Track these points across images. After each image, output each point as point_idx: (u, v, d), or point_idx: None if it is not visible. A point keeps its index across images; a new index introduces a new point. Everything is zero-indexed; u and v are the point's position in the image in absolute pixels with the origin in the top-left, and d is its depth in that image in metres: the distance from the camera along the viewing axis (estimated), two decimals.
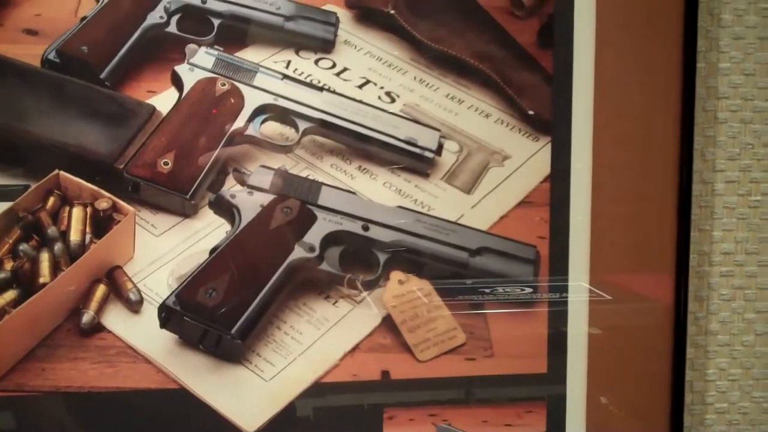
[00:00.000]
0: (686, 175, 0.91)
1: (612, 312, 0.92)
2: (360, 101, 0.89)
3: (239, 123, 0.88)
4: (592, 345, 0.92)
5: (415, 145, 0.89)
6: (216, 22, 0.88)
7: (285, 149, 0.89)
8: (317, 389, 0.87)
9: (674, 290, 0.92)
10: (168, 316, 0.85)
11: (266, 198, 0.87)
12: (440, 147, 0.90)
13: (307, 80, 0.89)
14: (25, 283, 0.83)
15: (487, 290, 0.89)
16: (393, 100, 0.90)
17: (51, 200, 0.85)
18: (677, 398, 0.93)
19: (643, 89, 0.91)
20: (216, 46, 0.88)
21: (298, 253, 0.87)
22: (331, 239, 0.88)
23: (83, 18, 0.86)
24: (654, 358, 0.93)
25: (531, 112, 0.90)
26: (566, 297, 0.91)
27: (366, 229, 0.88)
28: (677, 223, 0.92)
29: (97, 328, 0.85)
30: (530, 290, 0.90)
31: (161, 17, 0.87)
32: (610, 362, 0.92)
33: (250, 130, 0.88)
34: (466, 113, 0.91)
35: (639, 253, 0.92)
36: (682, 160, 0.91)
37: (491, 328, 0.90)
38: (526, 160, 0.91)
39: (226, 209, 0.87)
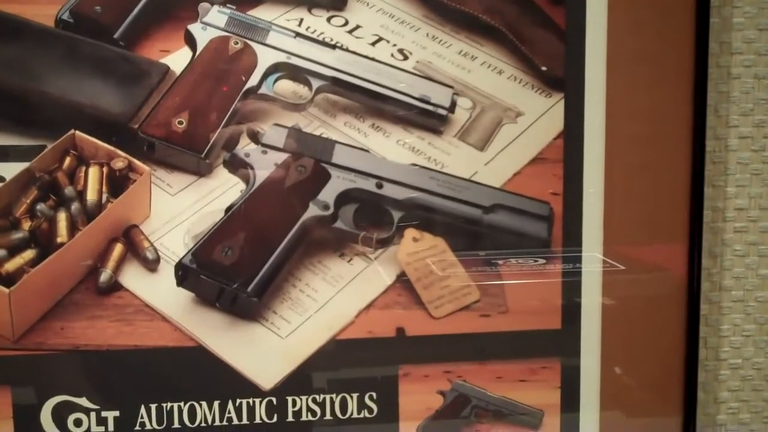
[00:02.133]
0: (699, 130, 0.91)
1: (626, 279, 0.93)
2: (373, 59, 0.89)
3: (253, 82, 0.88)
4: (607, 310, 0.92)
5: (428, 102, 0.89)
6: None
7: (298, 107, 0.89)
8: (333, 346, 0.88)
9: (688, 246, 0.92)
10: (185, 275, 0.85)
11: (280, 156, 0.88)
12: (453, 104, 0.90)
13: (320, 38, 0.89)
14: (43, 242, 0.84)
15: (501, 262, 0.89)
16: (406, 58, 0.90)
17: (67, 160, 0.86)
18: (691, 354, 0.93)
19: (656, 44, 0.90)
20: (228, 5, 0.88)
21: (312, 211, 0.87)
22: (345, 197, 0.88)
23: None
24: (669, 319, 0.93)
25: (544, 68, 0.90)
26: (579, 267, 0.91)
27: (380, 186, 0.88)
28: (691, 179, 0.91)
29: (114, 286, 0.86)
30: (543, 261, 0.90)
31: None
32: (625, 322, 0.93)
33: (264, 89, 0.88)
34: (479, 70, 0.90)
35: (653, 210, 0.92)
36: (696, 116, 0.91)
37: (506, 286, 0.91)
38: (540, 116, 0.91)
39: (240, 168, 0.88)
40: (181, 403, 0.87)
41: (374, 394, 0.89)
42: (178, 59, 0.87)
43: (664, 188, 0.92)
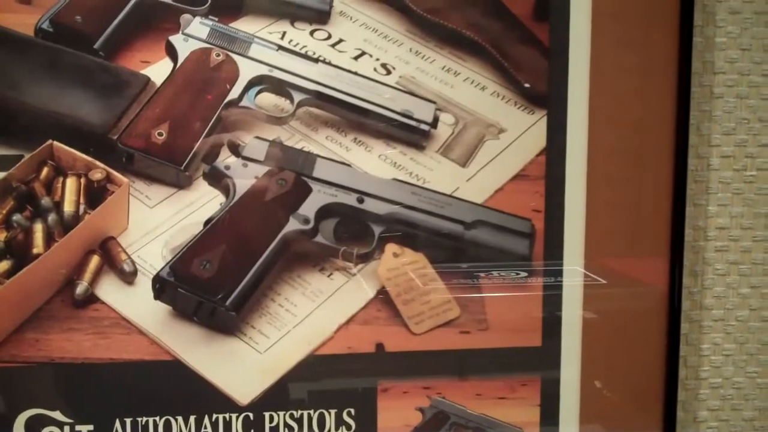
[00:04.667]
0: (682, 149, 0.91)
1: (607, 294, 0.92)
2: (355, 73, 0.88)
3: (234, 94, 0.87)
4: (587, 324, 0.92)
5: (410, 117, 0.89)
6: None
7: (280, 121, 0.88)
8: (312, 361, 0.87)
9: (669, 266, 0.92)
10: (162, 288, 0.84)
11: (261, 170, 0.87)
12: (436, 119, 0.90)
13: (302, 51, 0.88)
14: (19, 253, 0.83)
15: (482, 274, 0.89)
16: (389, 72, 0.89)
17: (45, 170, 0.85)
18: (671, 373, 0.93)
19: (639, 63, 0.91)
20: (211, 17, 0.87)
21: (292, 225, 0.87)
22: (325, 211, 0.88)
23: None
24: (649, 335, 0.93)
25: (527, 85, 0.90)
26: (561, 281, 0.91)
27: (361, 201, 0.88)
28: (673, 198, 0.91)
29: (90, 299, 0.85)
30: (525, 275, 0.90)
31: None
32: (605, 337, 0.92)
33: (245, 101, 0.88)
34: (461, 86, 0.90)
35: (635, 228, 0.92)
36: (678, 135, 0.91)
37: (486, 302, 0.90)
38: (522, 133, 0.90)
39: (220, 181, 0.87)
40: (157, 418, 0.86)
41: (353, 410, 0.89)
42: (158, 70, 0.87)
43: (646, 206, 0.92)
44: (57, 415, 0.85)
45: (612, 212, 0.91)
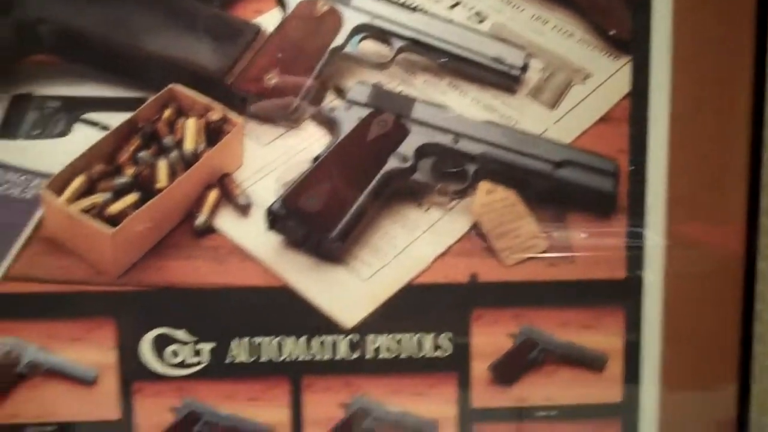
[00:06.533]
0: (758, 117, 0.95)
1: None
2: (450, 21, 0.94)
3: (338, 41, 0.94)
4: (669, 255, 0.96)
5: (502, 63, 0.95)
6: None
7: (381, 66, 0.95)
8: (410, 289, 0.93)
9: (746, 234, 0.96)
10: (274, 220, 0.91)
11: (363, 112, 0.94)
12: (526, 65, 0.95)
13: (401, 1, 0.94)
14: (145, 187, 0.90)
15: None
16: (482, 20, 0.95)
17: (167, 112, 0.92)
18: (747, 328, 0.98)
19: (720, 15, 0.94)
20: None
21: (392, 163, 0.93)
22: (423, 151, 0.94)
23: None
24: (725, 288, 0.97)
25: (612, 32, 0.95)
26: (641, 243, 0.96)
27: (456, 141, 0.94)
28: (749, 165, 0.95)
29: (209, 229, 0.92)
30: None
31: None
32: (686, 269, 0.97)
33: (349, 48, 0.94)
34: (550, 33, 0.96)
35: (712, 190, 0.96)
36: (756, 89, 0.95)
37: (571, 236, 0.95)
38: (607, 78, 0.96)
39: (326, 122, 0.93)
40: (271, 338, 0.93)
41: (449, 335, 0.95)
42: (269, 19, 0.94)
43: (725, 169, 0.96)
44: (181, 334, 0.92)
45: (692, 174, 0.96)
